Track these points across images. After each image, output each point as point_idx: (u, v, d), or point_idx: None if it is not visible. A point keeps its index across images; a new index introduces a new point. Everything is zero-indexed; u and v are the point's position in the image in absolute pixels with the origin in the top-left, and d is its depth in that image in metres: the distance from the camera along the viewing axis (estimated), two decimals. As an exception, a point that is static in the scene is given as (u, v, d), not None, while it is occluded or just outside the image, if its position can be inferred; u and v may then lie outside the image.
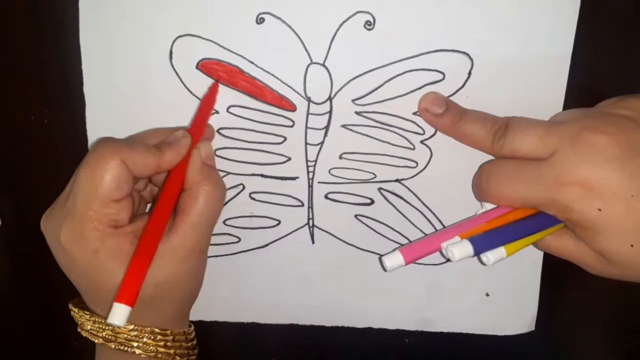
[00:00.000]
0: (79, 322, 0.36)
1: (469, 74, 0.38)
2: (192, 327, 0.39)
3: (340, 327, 0.44)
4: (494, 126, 0.36)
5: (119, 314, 0.31)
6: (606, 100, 0.36)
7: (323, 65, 0.38)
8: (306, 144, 0.40)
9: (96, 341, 0.35)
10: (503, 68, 0.38)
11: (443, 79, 0.38)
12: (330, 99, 0.39)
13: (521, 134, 0.34)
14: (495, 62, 0.38)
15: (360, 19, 0.37)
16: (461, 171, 0.39)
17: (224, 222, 0.41)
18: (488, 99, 0.38)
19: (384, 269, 0.35)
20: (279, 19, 0.37)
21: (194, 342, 0.39)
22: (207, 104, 0.38)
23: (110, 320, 0.31)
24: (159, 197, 0.34)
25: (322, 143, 0.40)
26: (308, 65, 0.38)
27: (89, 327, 0.35)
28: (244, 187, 0.41)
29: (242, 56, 0.38)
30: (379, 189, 0.41)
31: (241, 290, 0.43)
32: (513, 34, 0.37)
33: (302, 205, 0.41)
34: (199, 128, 0.37)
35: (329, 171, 0.40)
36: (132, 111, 0.39)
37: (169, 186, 0.34)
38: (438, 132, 0.39)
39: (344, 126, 0.39)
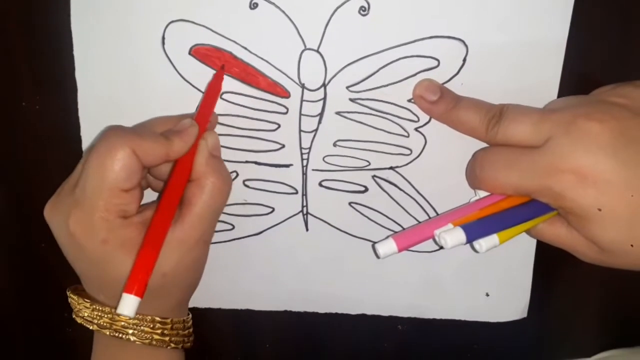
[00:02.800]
0: (76, 309, 0.36)
1: (464, 60, 0.37)
2: (190, 315, 0.39)
3: (334, 314, 0.44)
4: (488, 114, 0.35)
5: (129, 304, 0.31)
6: (601, 88, 0.36)
7: (317, 51, 0.38)
8: (300, 131, 0.40)
9: (91, 327, 0.35)
10: (498, 55, 0.37)
11: (438, 65, 0.38)
12: (324, 85, 0.38)
13: (515, 122, 0.34)
14: (490, 48, 0.37)
15: (354, 4, 0.37)
16: (455, 159, 0.39)
17: (217, 209, 0.41)
18: (483, 86, 0.38)
19: (377, 256, 0.35)
20: (273, 4, 0.37)
21: (191, 329, 0.39)
22: (212, 92, 0.38)
23: (119, 310, 0.31)
24: (166, 187, 0.34)
25: (316, 130, 0.40)
26: (302, 52, 0.38)
27: (86, 315, 0.35)
28: (237, 175, 0.41)
29: (235, 42, 0.37)
30: (373, 176, 0.41)
31: (235, 277, 0.43)
32: (508, 21, 0.37)
33: (296, 192, 0.41)
34: (205, 117, 0.37)
35: (323, 158, 0.40)
36: (124, 97, 0.39)
37: (176, 176, 0.34)
38: (433, 120, 0.39)
39: (338, 113, 0.39)
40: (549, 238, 0.36)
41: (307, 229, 0.42)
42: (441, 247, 0.34)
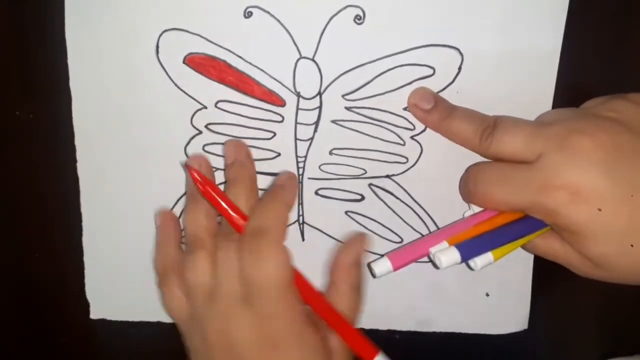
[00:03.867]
0: None
1: (459, 69, 0.37)
2: None
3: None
4: (482, 125, 0.35)
5: None
6: (592, 100, 0.36)
7: (312, 59, 0.37)
8: (296, 139, 0.39)
9: None
10: (493, 64, 0.37)
11: (433, 74, 0.38)
12: (320, 94, 0.38)
13: (508, 135, 0.34)
14: (486, 57, 0.37)
15: (350, 13, 0.36)
16: (451, 167, 0.39)
17: (212, 219, 0.41)
18: (478, 95, 0.38)
19: (373, 276, 0.35)
20: (267, 12, 0.36)
21: None
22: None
23: None
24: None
25: (312, 139, 0.39)
26: (297, 60, 0.37)
27: None
28: (232, 183, 0.40)
29: (230, 50, 0.37)
30: (370, 184, 0.40)
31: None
32: (503, 30, 0.37)
33: (292, 201, 0.41)
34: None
35: (319, 167, 0.40)
36: (119, 105, 0.39)
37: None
38: (428, 128, 0.39)
39: (334, 121, 0.39)
40: (543, 252, 0.36)
41: (303, 239, 0.42)
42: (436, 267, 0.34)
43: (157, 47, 0.37)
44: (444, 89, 0.38)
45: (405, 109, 0.39)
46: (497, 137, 0.34)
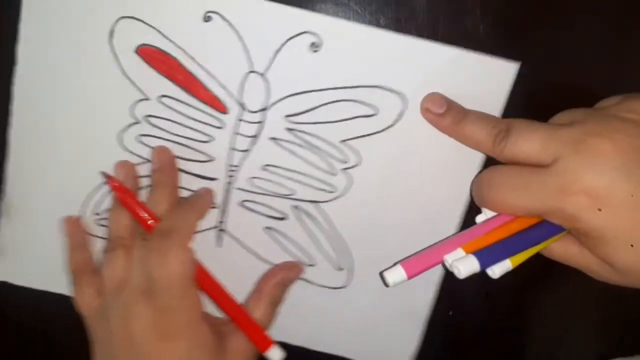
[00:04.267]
0: None
1: (400, 115, 0.38)
2: None
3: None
4: (495, 128, 0.35)
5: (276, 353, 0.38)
6: (607, 100, 0.35)
7: (263, 75, 0.38)
8: (232, 148, 0.40)
9: None
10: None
11: (376, 114, 0.39)
12: (264, 109, 0.39)
13: (522, 138, 0.33)
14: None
15: (307, 39, 0.37)
16: (381, 202, 0.40)
17: (134, 209, 0.41)
18: (416, 143, 0.39)
19: (386, 285, 0.34)
20: (227, 21, 0.37)
21: None
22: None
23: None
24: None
25: (248, 151, 0.40)
26: (248, 73, 0.38)
27: None
28: (161, 178, 0.40)
29: (183, 50, 0.37)
30: (295, 206, 0.41)
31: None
32: (449, 87, 0.38)
33: (216, 207, 0.41)
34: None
35: (250, 180, 0.41)
36: (63, 81, 0.38)
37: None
38: (362, 162, 0.40)
39: (273, 139, 0.40)
40: (560, 257, 0.35)
41: (219, 245, 0.42)
42: (451, 273, 0.33)
43: (112, 32, 0.37)
44: (382, 130, 0.39)
45: (342, 141, 0.39)
46: (511, 140, 0.34)
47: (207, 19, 0.37)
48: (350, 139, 0.39)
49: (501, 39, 0.38)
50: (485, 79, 0.38)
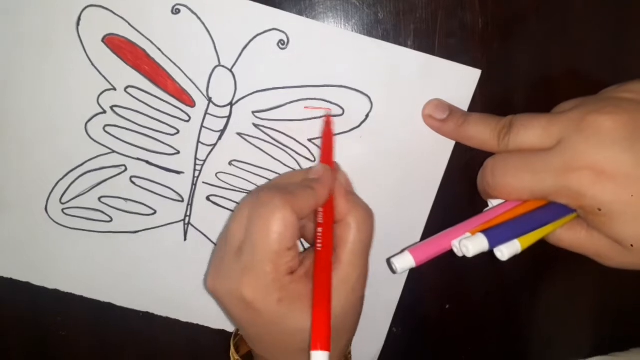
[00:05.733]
0: None
1: (367, 116, 0.38)
2: (350, 351, 0.39)
3: (195, 325, 0.45)
4: (498, 126, 0.35)
5: None
6: (606, 88, 0.35)
7: (230, 70, 0.38)
8: (198, 142, 0.40)
9: None
10: (400, 119, 0.38)
11: (342, 114, 0.38)
12: (231, 104, 0.39)
13: (525, 128, 0.34)
14: (394, 112, 0.38)
15: (275, 36, 0.37)
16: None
17: (99, 199, 0.41)
18: (380, 144, 0.39)
19: (393, 271, 0.33)
20: (195, 14, 0.37)
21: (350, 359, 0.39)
22: (328, 136, 0.38)
23: None
24: (318, 234, 0.33)
25: (214, 145, 0.40)
26: (215, 67, 0.38)
27: None
28: (126, 169, 0.40)
29: (150, 41, 0.37)
30: (260, 203, 0.41)
31: (103, 269, 0.43)
32: (415, 90, 0.38)
33: (182, 201, 0.41)
34: (329, 158, 0.37)
35: (216, 174, 0.40)
36: (30, 67, 0.38)
37: (325, 222, 0.34)
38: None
39: (239, 134, 0.39)
40: (569, 244, 0.35)
41: (185, 239, 0.42)
42: (463, 256, 0.33)
43: (79, 19, 0.37)
44: (348, 131, 0.39)
45: (310, 140, 0.39)
46: (514, 132, 0.34)
47: (175, 11, 0.37)
48: (318, 137, 0.39)
49: (500, 33, 0.39)
50: (450, 84, 0.38)
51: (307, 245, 0.40)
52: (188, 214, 0.42)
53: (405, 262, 0.33)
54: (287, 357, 0.34)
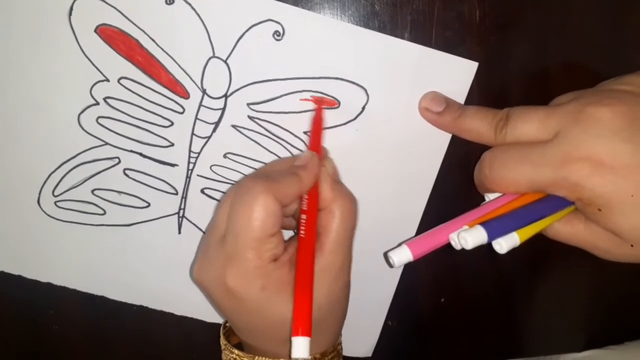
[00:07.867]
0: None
1: (363, 108, 0.38)
2: (341, 341, 0.38)
3: (189, 319, 0.44)
4: (495, 118, 0.35)
5: (301, 346, 0.29)
6: (604, 82, 0.35)
7: (225, 61, 0.37)
8: (193, 134, 0.39)
9: None
10: (396, 112, 0.38)
11: (338, 106, 0.38)
12: (225, 96, 0.38)
13: (522, 121, 0.33)
14: (391, 104, 0.38)
15: (270, 27, 0.36)
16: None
17: (92, 191, 0.40)
18: (375, 136, 0.38)
19: (390, 265, 0.33)
20: (189, 4, 0.36)
21: (341, 350, 0.38)
22: (317, 124, 0.38)
23: (294, 355, 0.29)
24: (301, 222, 0.33)
25: (209, 137, 0.39)
26: (210, 58, 0.37)
27: None
28: (119, 161, 0.40)
29: (144, 31, 0.37)
30: (255, 196, 0.41)
31: (95, 262, 0.42)
32: (412, 83, 0.38)
33: (176, 193, 0.41)
34: (317, 146, 0.37)
35: (211, 167, 0.40)
36: (22, 59, 0.37)
37: (309, 209, 0.33)
38: (325, 153, 0.39)
39: (234, 126, 0.39)
40: (566, 237, 0.34)
41: (179, 232, 0.42)
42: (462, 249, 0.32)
43: (71, 9, 0.36)
44: (345, 123, 0.38)
45: (305, 132, 0.39)
46: (511, 124, 0.34)
47: (169, 1, 0.36)
48: (313, 130, 0.39)
49: (497, 25, 0.38)
50: (447, 77, 0.37)
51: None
52: (182, 206, 0.41)
53: (403, 256, 0.32)
54: (274, 345, 0.34)
